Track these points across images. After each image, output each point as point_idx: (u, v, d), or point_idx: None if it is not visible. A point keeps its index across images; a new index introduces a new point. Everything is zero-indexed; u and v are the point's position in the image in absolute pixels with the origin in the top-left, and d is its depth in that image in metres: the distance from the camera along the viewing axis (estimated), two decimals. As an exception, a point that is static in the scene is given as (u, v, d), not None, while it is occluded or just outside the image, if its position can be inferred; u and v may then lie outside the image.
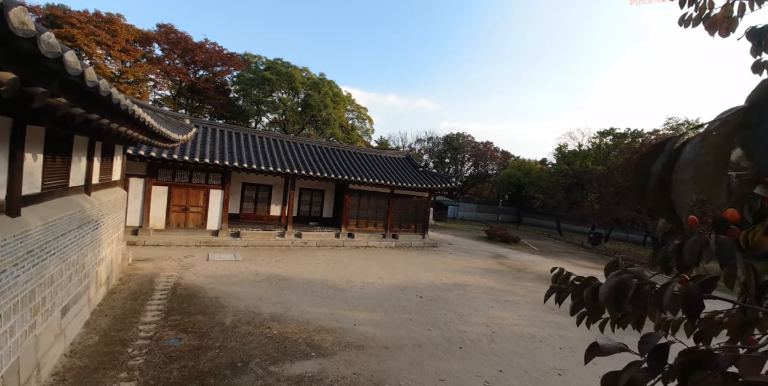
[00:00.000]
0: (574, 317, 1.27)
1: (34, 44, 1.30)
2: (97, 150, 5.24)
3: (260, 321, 5.63)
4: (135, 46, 24.58)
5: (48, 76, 1.64)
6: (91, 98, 2.34)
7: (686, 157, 0.47)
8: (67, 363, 3.93)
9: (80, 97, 2.26)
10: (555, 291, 1.46)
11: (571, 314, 1.26)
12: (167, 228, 10.66)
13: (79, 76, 1.69)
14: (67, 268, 4.17)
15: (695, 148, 0.46)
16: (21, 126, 3.13)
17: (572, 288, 1.40)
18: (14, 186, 3.13)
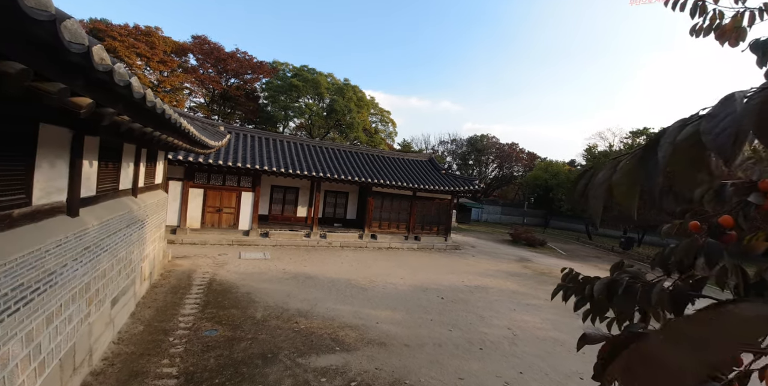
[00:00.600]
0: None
1: (109, 75, 1.59)
2: (142, 156, 5.76)
3: (288, 316, 5.94)
4: (172, 56, 26.13)
5: (116, 98, 1.96)
6: (147, 115, 2.69)
7: (598, 180, 0.64)
8: (115, 350, 4.37)
9: (139, 114, 2.60)
10: (561, 289, 1.59)
11: (574, 310, 1.39)
12: (202, 228, 11.33)
13: (141, 98, 2.00)
14: (117, 263, 4.63)
15: (604, 174, 0.63)
16: (80, 137, 3.56)
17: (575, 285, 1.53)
18: (74, 189, 3.57)
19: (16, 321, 2.54)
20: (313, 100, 28.75)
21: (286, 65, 29.47)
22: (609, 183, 0.61)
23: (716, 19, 2.10)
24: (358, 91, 28.70)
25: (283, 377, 4.17)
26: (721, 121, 0.57)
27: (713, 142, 0.56)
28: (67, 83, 1.38)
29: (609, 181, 0.60)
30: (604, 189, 0.61)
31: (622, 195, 0.62)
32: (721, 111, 0.59)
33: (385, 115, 32.86)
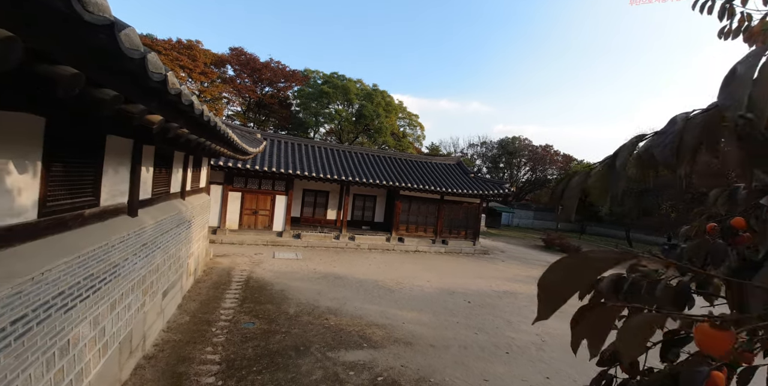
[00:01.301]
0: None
1: (178, 97, 1.90)
2: (189, 162, 6.31)
3: (319, 313, 6.24)
4: (211, 68, 27.83)
5: (180, 115, 2.30)
6: (203, 127, 3.06)
7: (572, 184, 0.79)
8: (164, 337, 4.82)
9: (197, 127, 2.97)
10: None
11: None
12: (240, 229, 12.02)
13: (200, 114, 2.33)
14: (168, 259, 5.11)
15: (578, 179, 0.79)
16: (139, 146, 4.03)
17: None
18: (134, 192, 4.04)
19: (87, 306, 2.95)
20: (343, 106, 29.49)
21: (316, 73, 30.48)
22: (582, 186, 0.76)
23: (744, 21, 2.12)
24: (386, 96, 29.11)
25: (314, 368, 4.43)
26: (667, 137, 0.72)
27: (660, 153, 0.71)
28: (146, 105, 1.69)
29: (582, 184, 0.75)
30: (577, 191, 0.76)
31: (595, 196, 0.76)
32: (668, 128, 0.73)
33: (413, 118, 33.03)
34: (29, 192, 2.37)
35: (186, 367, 4.14)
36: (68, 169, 2.77)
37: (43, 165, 2.46)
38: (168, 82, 1.66)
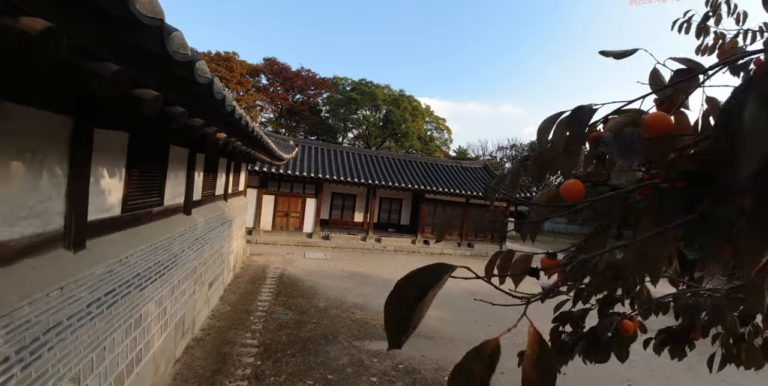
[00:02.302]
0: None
1: (241, 118, 2.40)
2: (231, 167, 7.00)
3: (346, 308, 6.68)
4: (246, 78, 29.48)
5: (237, 131, 2.82)
6: (252, 140, 3.61)
7: (509, 171, 1.14)
8: (210, 323, 5.43)
9: (246, 139, 3.52)
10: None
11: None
12: (273, 230, 12.80)
13: (252, 129, 2.83)
14: (213, 254, 5.75)
15: (513, 168, 1.13)
16: (193, 154, 4.66)
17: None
18: (189, 194, 4.67)
19: (154, 287, 3.54)
20: (370, 112, 30.22)
21: (345, 80, 31.45)
22: (513, 173, 1.09)
23: (719, 39, 2.33)
24: (413, 101, 29.51)
25: (341, 354, 4.85)
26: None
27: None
28: (214, 125, 2.18)
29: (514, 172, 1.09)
30: (511, 177, 1.09)
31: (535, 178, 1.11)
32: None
33: (440, 122, 33.17)
34: (116, 193, 2.97)
35: (229, 349, 4.69)
36: (142, 174, 3.38)
37: (126, 171, 3.07)
38: (236, 112, 2.14)
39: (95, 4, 0.97)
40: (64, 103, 2.21)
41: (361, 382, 4.31)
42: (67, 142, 2.31)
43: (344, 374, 4.43)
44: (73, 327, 2.27)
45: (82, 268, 2.37)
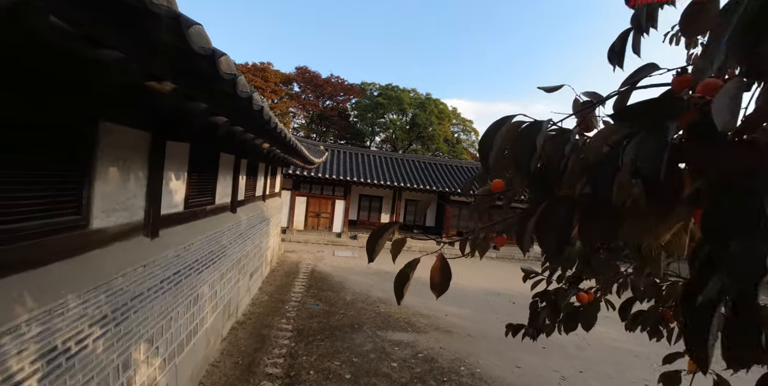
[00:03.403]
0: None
1: (282, 134, 2.94)
2: (269, 171, 7.71)
3: (371, 301, 7.14)
4: (280, 86, 30.96)
5: (278, 141, 3.37)
6: (289, 147, 4.18)
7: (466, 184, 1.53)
8: (250, 310, 6.06)
9: (285, 147, 4.09)
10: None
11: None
12: (305, 229, 13.57)
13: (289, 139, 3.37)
14: (254, 248, 6.42)
15: (467, 183, 1.53)
16: (238, 160, 5.32)
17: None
18: (234, 194, 5.32)
19: (208, 272, 4.16)
20: (397, 115, 30.76)
21: (373, 85, 32.21)
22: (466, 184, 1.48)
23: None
24: (439, 104, 29.71)
25: (366, 342, 5.31)
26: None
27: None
28: (260, 137, 2.71)
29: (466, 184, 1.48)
30: (464, 186, 1.47)
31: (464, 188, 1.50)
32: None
33: (467, 124, 33.07)
34: (180, 193, 3.60)
35: (267, 331, 5.28)
36: (199, 177, 4.03)
37: (188, 175, 3.70)
38: (281, 131, 2.67)
39: (194, 67, 1.47)
40: (146, 121, 2.83)
41: (383, 366, 4.73)
42: (147, 152, 2.94)
43: (368, 358, 4.87)
44: (150, 298, 2.88)
45: (157, 252, 2.98)
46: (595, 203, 0.52)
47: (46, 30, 0.88)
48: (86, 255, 2.31)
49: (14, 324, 1.67)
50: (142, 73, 1.25)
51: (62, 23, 0.89)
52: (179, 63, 1.26)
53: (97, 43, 0.97)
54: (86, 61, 1.08)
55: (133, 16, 0.93)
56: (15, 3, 0.74)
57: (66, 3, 0.85)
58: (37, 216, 1.95)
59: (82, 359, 2.12)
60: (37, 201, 1.93)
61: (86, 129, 2.23)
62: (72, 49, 1.02)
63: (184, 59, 1.20)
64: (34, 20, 0.85)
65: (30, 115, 1.82)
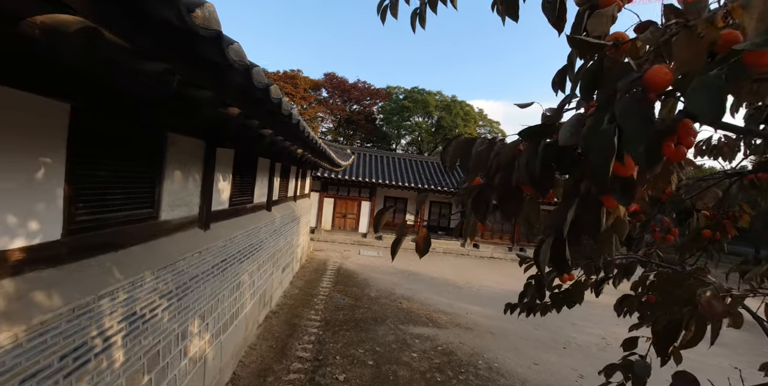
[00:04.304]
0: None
1: (317, 144, 3.41)
2: (299, 173, 8.28)
3: (394, 298, 7.49)
4: (310, 92, 32.15)
5: (310, 149, 3.86)
6: (319, 152, 4.67)
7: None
8: (282, 301, 6.58)
9: (315, 152, 4.58)
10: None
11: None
12: (332, 229, 14.15)
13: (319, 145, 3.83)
14: (286, 244, 6.96)
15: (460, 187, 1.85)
16: (273, 163, 5.87)
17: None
18: (270, 195, 5.87)
19: (248, 262, 4.67)
20: (422, 118, 31.04)
21: (398, 88, 32.71)
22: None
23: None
24: (465, 106, 29.68)
25: (388, 333, 5.66)
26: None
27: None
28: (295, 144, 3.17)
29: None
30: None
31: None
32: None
33: (494, 125, 32.75)
34: (226, 192, 4.14)
35: (298, 321, 5.76)
36: (241, 179, 4.57)
37: (232, 176, 4.24)
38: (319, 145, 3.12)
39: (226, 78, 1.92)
40: (201, 132, 3.36)
41: (404, 356, 5.05)
42: (202, 158, 3.48)
43: (390, 348, 5.22)
44: (204, 280, 3.40)
45: (209, 241, 3.50)
46: (506, 189, 0.86)
47: (172, 84, 1.33)
48: (157, 241, 2.84)
49: (108, 289, 2.18)
50: (221, 103, 1.70)
51: (180, 81, 1.34)
52: (246, 95, 1.70)
53: (198, 86, 1.42)
54: (191, 99, 1.54)
55: (221, 69, 1.36)
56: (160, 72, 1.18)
57: (186, 66, 1.29)
58: (122, 208, 2.48)
59: (153, 324, 2.63)
60: (122, 197, 2.46)
61: (159, 140, 2.76)
62: (181, 92, 1.48)
63: (250, 92, 1.64)
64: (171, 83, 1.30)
65: (125, 132, 2.35)
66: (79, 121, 1.97)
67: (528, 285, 2.22)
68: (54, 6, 0.86)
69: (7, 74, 1.48)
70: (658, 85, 0.68)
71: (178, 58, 1.25)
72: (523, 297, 2.19)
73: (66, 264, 2.02)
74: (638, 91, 0.67)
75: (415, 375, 4.55)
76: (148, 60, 1.17)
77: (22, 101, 1.62)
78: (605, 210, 0.82)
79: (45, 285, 1.81)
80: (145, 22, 1.04)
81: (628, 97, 0.64)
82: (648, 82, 0.67)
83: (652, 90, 0.69)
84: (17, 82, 1.55)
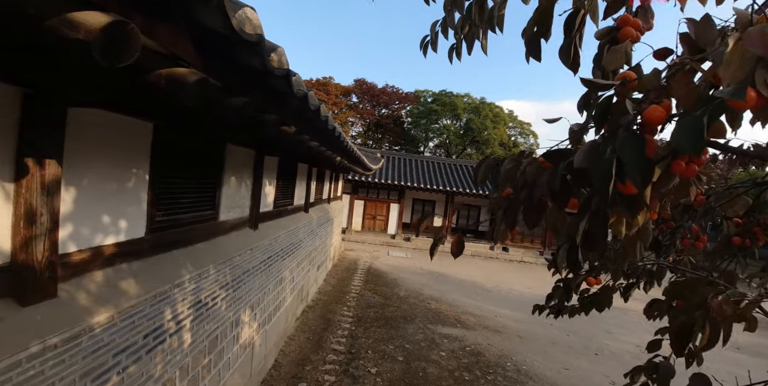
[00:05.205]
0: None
1: (352, 150, 3.71)
2: (333, 177, 8.67)
3: (423, 298, 7.67)
4: (341, 98, 32.93)
5: (347, 156, 4.20)
6: (354, 159, 4.99)
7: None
8: (317, 297, 6.94)
9: (352, 159, 4.90)
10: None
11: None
12: (362, 230, 14.52)
13: (354, 151, 4.14)
14: (321, 244, 7.33)
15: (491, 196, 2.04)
16: (311, 168, 6.24)
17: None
18: (307, 198, 6.25)
19: (289, 260, 5.03)
20: (451, 121, 30.94)
21: (426, 91, 32.80)
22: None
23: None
24: (494, 107, 29.27)
25: (417, 332, 5.85)
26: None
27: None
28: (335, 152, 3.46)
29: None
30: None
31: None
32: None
33: (525, 127, 32.04)
34: (271, 195, 4.52)
35: (332, 316, 6.09)
36: (283, 182, 4.95)
37: (276, 181, 4.62)
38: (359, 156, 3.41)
39: (276, 92, 2.21)
40: (253, 142, 3.73)
41: (432, 354, 5.23)
42: (252, 165, 3.85)
43: (419, 346, 5.41)
44: (253, 275, 3.76)
45: (258, 240, 3.87)
46: (528, 203, 1.07)
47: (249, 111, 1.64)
48: (216, 239, 3.22)
49: (181, 280, 2.54)
50: (282, 123, 2.01)
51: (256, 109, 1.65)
52: (301, 115, 2.00)
53: (266, 111, 1.73)
54: (262, 121, 1.86)
55: (286, 97, 1.65)
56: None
57: (260, 97, 1.59)
58: (190, 210, 2.85)
59: (213, 312, 2.99)
60: (190, 200, 2.84)
61: (220, 150, 3.14)
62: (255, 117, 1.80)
63: (304, 113, 1.93)
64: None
65: (194, 144, 2.73)
66: (160, 136, 2.34)
67: (556, 287, 2.36)
68: (173, 61, 1.16)
69: (117, 104, 1.85)
70: (654, 121, 0.87)
71: (256, 93, 1.55)
72: (551, 299, 2.34)
73: (147, 257, 2.40)
74: (634, 129, 0.86)
75: (443, 372, 4.72)
76: (235, 96, 1.47)
77: (120, 123, 1.99)
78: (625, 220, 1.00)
79: (132, 275, 2.18)
80: (237, 69, 1.34)
81: (626, 134, 0.83)
82: (646, 118, 0.86)
83: (650, 125, 0.88)
84: (122, 108, 1.92)
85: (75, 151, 1.71)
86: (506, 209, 1.13)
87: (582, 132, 1.29)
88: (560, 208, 1.05)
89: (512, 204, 1.11)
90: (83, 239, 1.89)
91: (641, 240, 1.15)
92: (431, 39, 1.52)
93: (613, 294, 2.39)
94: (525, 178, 1.06)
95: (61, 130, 1.59)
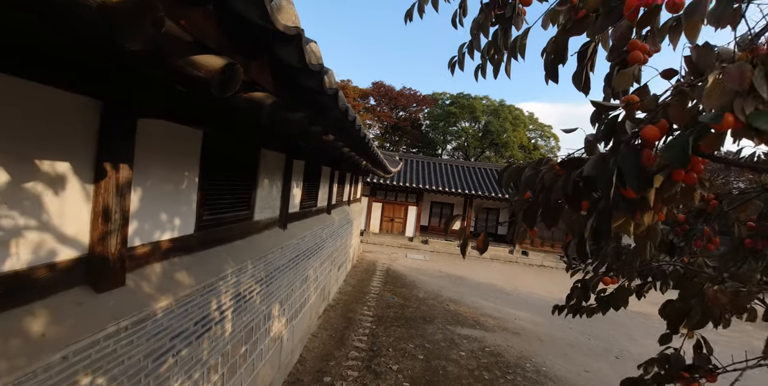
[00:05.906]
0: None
1: (377, 155, 3.92)
2: (353, 179, 8.92)
3: (441, 300, 7.78)
4: (358, 101, 33.39)
5: (372, 160, 4.41)
6: (378, 163, 5.22)
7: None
8: (338, 297, 7.17)
9: (375, 163, 5.12)
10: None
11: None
12: (380, 233, 14.72)
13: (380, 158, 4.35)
14: (342, 245, 7.57)
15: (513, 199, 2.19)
16: (333, 171, 6.49)
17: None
18: (329, 200, 6.50)
19: (313, 259, 5.27)
20: (469, 123, 30.83)
21: (444, 94, 32.84)
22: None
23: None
24: (514, 110, 29.00)
25: (436, 332, 5.98)
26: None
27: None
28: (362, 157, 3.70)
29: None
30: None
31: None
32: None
33: (545, 130, 31.55)
34: (298, 197, 4.78)
35: (353, 315, 6.29)
36: (308, 185, 5.21)
37: (302, 184, 4.88)
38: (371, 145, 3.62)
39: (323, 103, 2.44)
40: (284, 147, 4.00)
41: (452, 353, 5.35)
42: (283, 169, 4.12)
43: (438, 346, 5.54)
44: (283, 272, 4.01)
45: (287, 239, 4.12)
46: (546, 205, 1.23)
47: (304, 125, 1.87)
48: (252, 237, 3.48)
49: (225, 273, 2.79)
50: (325, 133, 2.25)
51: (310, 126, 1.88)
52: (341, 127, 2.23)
53: (313, 123, 1.96)
54: (309, 133, 2.10)
55: (331, 111, 1.88)
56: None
57: (312, 113, 1.82)
58: (231, 210, 3.12)
59: (250, 304, 3.24)
60: (230, 201, 3.10)
61: (256, 154, 3.41)
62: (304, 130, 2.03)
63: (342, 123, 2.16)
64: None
65: (236, 150, 3.00)
66: (208, 142, 2.61)
67: (574, 288, 2.48)
68: (251, 87, 1.39)
69: (177, 115, 2.11)
70: (650, 138, 1.03)
71: (310, 109, 1.78)
72: (570, 299, 2.45)
73: (195, 252, 2.66)
74: (636, 144, 1.02)
75: (463, 371, 4.84)
76: (294, 112, 1.70)
77: (177, 131, 2.26)
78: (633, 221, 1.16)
79: (184, 267, 2.44)
80: (299, 90, 1.56)
81: (626, 149, 1.00)
82: (644, 136, 1.02)
83: (647, 140, 1.04)
84: (181, 118, 2.19)
85: (140, 157, 1.98)
86: (526, 210, 1.30)
87: (595, 142, 1.45)
88: (575, 210, 1.20)
89: (532, 206, 1.28)
90: (145, 234, 2.15)
91: (651, 240, 1.29)
92: (458, 59, 1.70)
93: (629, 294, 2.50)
94: (543, 183, 1.22)
95: (132, 138, 1.86)
